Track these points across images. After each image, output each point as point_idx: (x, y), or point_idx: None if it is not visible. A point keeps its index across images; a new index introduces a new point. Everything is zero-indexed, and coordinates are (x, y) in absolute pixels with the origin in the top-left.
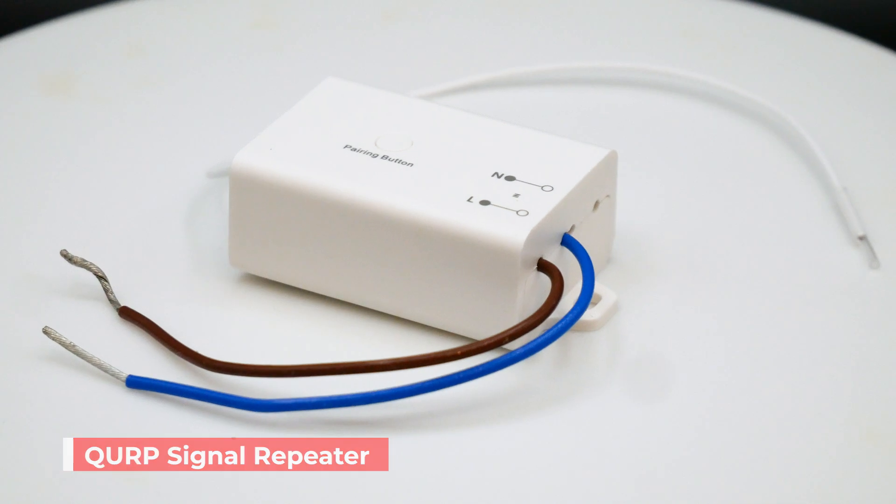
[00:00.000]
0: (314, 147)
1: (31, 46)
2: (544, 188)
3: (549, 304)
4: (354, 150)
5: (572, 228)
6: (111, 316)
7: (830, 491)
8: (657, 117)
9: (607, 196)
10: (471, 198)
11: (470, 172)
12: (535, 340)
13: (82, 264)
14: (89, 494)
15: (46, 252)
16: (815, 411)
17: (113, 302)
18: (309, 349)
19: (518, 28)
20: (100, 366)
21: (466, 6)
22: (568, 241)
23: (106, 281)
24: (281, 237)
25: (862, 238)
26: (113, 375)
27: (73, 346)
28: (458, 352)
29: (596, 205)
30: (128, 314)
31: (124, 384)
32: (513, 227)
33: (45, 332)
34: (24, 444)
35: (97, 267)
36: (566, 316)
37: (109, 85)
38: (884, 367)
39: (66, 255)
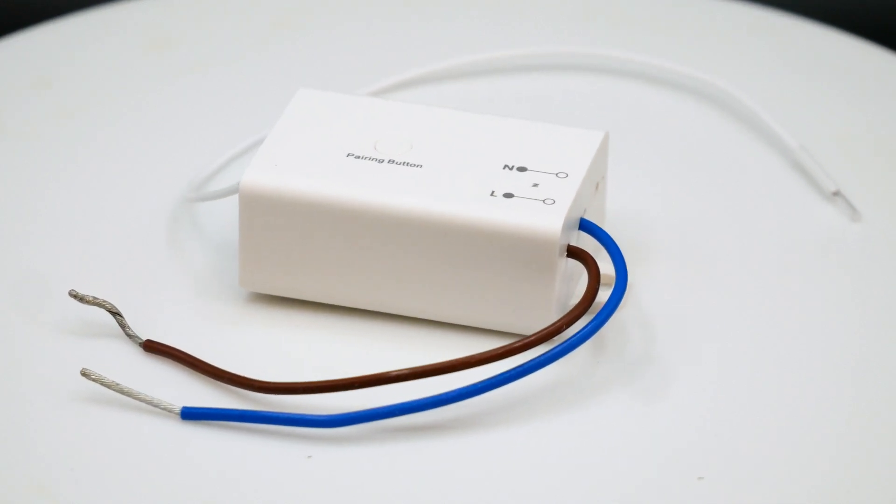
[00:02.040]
0: (317, 159)
1: None
2: (559, 175)
3: (593, 288)
4: (358, 157)
5: (584, 212)
6: (132, 351)
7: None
8: (598, 100)
9: (602, 177)
10: (493, 192)
11: (480, 167)
12: (587, 325)
13: (94, 302)
14: None
15: (46, 298)
16: (831, 379)
17: (132, 337)
18: (346, 361)
19: (439, 20)
20: (149, 401)
21: (367, 6)
22: (587, 226)
23: (121, 316)
24: (300, 253)
25: (836, 193)
26: (165, 410)
27: (117, 384)
28: (519, 344)
29: (597, 187)
30: (153, 347)
31: (178, 417)
32: (545, 216)
33: (84, 374)
34: (100, 491)
35: (110, 304)
36: (611, 298)
37: (25, 119)
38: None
39: (75, 295)
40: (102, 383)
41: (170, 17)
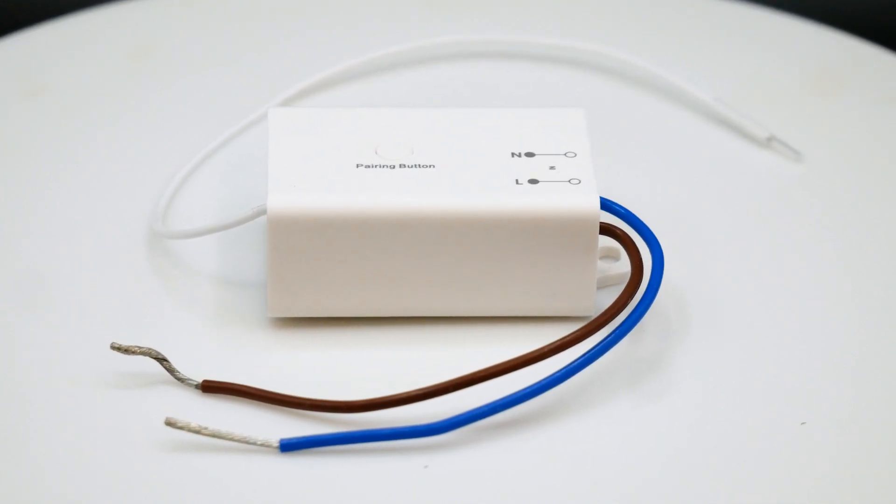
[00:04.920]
0: (332, 175)
1: None
2: (567, 155)
3: (638, 258)
4: (368, 167)
5: None
6: (185, 394)
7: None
8: (501, 86)
9: None
10: (517, 180)
11: (490, 159)
12: (639, 305)
13: (141, 352)
14: None
15: (65, 356)
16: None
17: (183, 380)
18: (397, 369)
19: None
20: (244, 440)
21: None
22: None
23: (167, 361)
24: (336, 269)
25: (770, 138)
26: (262, 445)
27: (205, 428)
28: (595, 324)
29: None
30: (212, 387)
31: (276, 451)
32: (579, 195)
33: (170, 423)
34: None
35: (156, 351)
36: (652, 277)
37: None
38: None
39: (118, 348)
40: (189, 430)
41: (41, 59)
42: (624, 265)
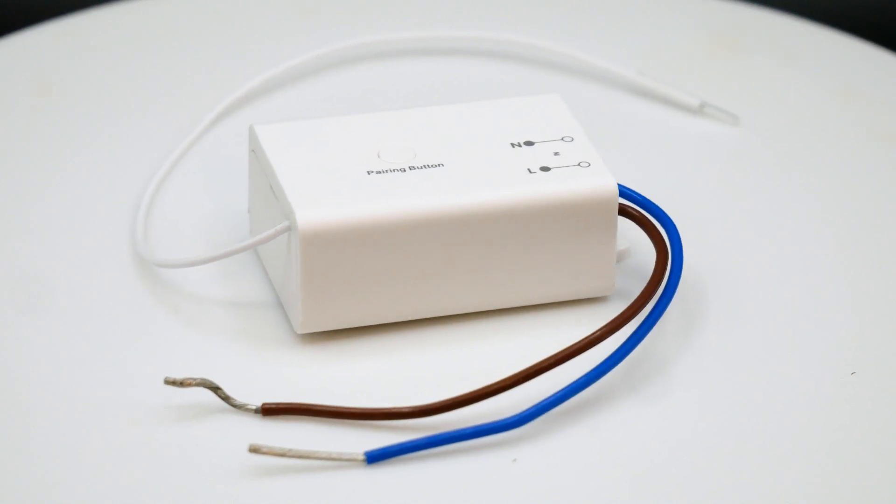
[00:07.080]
0: (348, 185)
1: None
2: (565, 139)
3: (661, 238)
4: (380, 172)
5: None
6: (245, 420)
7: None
8: (426, 82)
9: None
10: (529, 169)
11: (494, 152)
12: (669, 280)
13: (196, 384)
14: None
15: (112, 397)
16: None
17: (241, 406)
18: (445, 369)
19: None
20: (328, 457)
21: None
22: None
23: (221, 390)
24: (369, 278)
25: (702, 105)
26: (349, 460)
27: (290, 450)
28: (637, 305)
29: None
30: (272, 410)
31: (363, 464)
32: (594, 178)
33: (254, 450)
34: None
35: (210, 380)
36: (674, 262)
37: None
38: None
39: (173, 381)
40: (274, 454)
41: None
42: (622, 243)
